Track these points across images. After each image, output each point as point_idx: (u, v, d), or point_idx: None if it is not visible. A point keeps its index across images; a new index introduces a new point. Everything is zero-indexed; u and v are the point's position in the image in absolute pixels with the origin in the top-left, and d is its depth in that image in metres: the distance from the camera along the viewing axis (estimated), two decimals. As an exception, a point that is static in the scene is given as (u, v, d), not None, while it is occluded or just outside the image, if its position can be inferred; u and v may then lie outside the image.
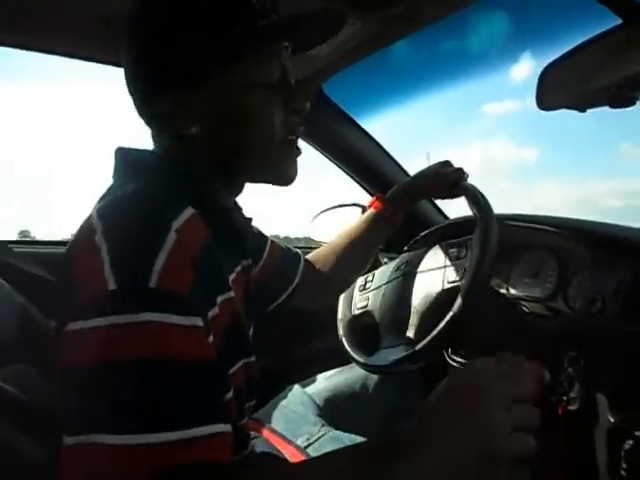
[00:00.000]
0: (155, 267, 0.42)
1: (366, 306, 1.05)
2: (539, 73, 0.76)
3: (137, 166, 0.57)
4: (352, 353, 0.99)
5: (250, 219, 0.67)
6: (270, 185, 0.64)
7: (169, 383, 0.41)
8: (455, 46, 1.16)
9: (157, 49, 0.54)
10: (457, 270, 0.91)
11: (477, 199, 0.90)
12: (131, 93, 0.58)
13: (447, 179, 0.94)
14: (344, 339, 1.02)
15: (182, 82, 0.54)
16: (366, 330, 1.04)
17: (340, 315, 1.09)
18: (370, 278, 1.10)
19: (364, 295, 1.08)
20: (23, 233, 1.29)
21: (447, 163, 0.97)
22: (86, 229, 0.48)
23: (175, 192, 0.53)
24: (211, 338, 0.47)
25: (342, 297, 1.11)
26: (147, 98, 0.56)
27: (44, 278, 0.84)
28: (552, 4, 0.94)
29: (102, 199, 0.54)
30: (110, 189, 0.56)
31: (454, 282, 0.90)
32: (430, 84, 1.33)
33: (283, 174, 0.62)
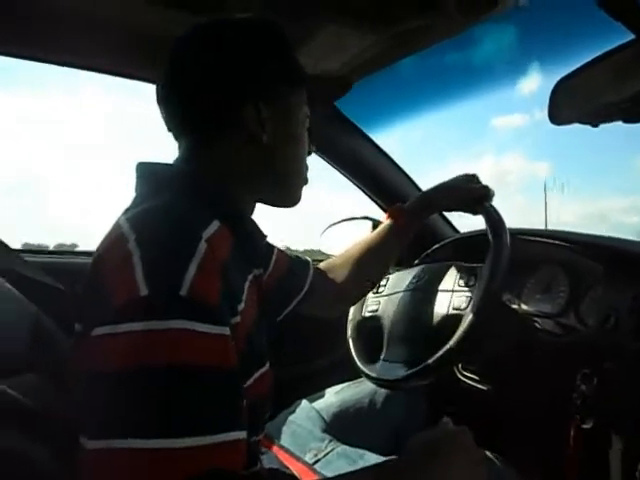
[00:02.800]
0: (187, 275, 0.43)
1: (377, 310, 1.05)
2: (551, 87, 0.75)
3: (163, 179, 0.59)
4: (358, 362, 0.99)
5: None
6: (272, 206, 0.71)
7: (196, 390, 0.42)
8: (465, 59, 1.16)
9: (245, 65, 0.59)
10: (464, 297, 0.90)
11: (495, 223, 0.89)
12: (183, 103, 0.61)
13: (472, 194, 0.94)
14: (350, 341, 1.03)
15: (260, 95, 0.60)
16: (372, 334, 1.04)
17: (350, 316, 1.09)
18: (384, 282, 1.09)
19: (376, 299, 1.07)
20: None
21: (474, 178, 0.95)
22: (116, 238, 0.49)
23: (204, 204, 0.55)
24: (234, 346, 0.48)
25: None
26: (224, 106, 0.59)
27: (56, 288, 0.85)
28: (565, 18, 0.94)
29: (127, 211, 0.56)
30: (135, 202, 0.57)
31: (458, 310, 0.89)
32: (441, 97, 1.34)
33: (294, 199, 0.70)
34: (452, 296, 0.92)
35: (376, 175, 1.45)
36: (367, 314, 1.06)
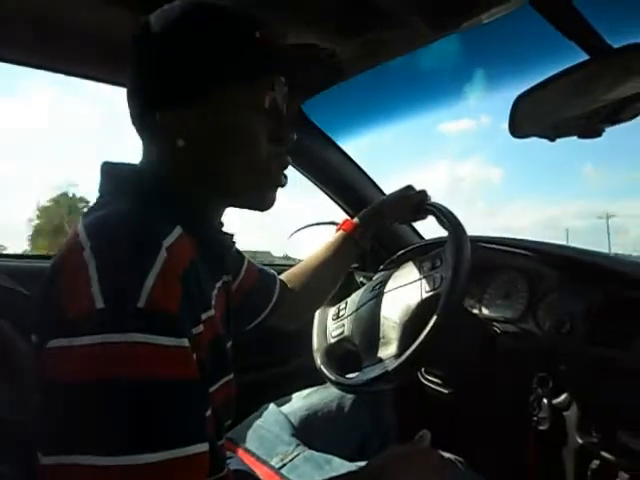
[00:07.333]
0: (145, 286, 0.42)
1: (342, 333, 1.04)
2: (512, 102, 0.78)
3: (125, 181, 0.56)
4: (331, 377, 0.97)
5: (232, 235, 0.67)
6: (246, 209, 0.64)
7: (154, 404, 0.41)
8: (422, 69, 1.18)
9: (164, 65, 0.55)
10: (433, 279, 0.90)
11: (443, 214, 0.92)
12: (130, 106, 0.58)
13: (410, 202, 0.99)
14: (323, 367, 1.00)
15: (183, 97, 0.55)
16: (346, 356, 1.03)
17: (316, 346, 1.07)
18: (343, 306, 1.09)
19: (338, 323, 1.07)
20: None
21: (409, 187, 1.00)
22: (73, 245, 0.47)
23: (165, 209, 0.53)
24: (195, 356, 0.47)
25: (315, 328, 1.10)
26: (148, 110, 0.56)
27: (20, 292, 0.82)
28: (526, 38, 0.98)
29: (89, 214, 0.53)
30: (97, 204, 0.55)
31: (432, 290, 0.89)
32: (400, 107, 1.37)
33: (259, 200, 0.62)
34: (421, 283, 0.93)
35: (341, 180, 1.46)
36: (333, 340, 1.05)
